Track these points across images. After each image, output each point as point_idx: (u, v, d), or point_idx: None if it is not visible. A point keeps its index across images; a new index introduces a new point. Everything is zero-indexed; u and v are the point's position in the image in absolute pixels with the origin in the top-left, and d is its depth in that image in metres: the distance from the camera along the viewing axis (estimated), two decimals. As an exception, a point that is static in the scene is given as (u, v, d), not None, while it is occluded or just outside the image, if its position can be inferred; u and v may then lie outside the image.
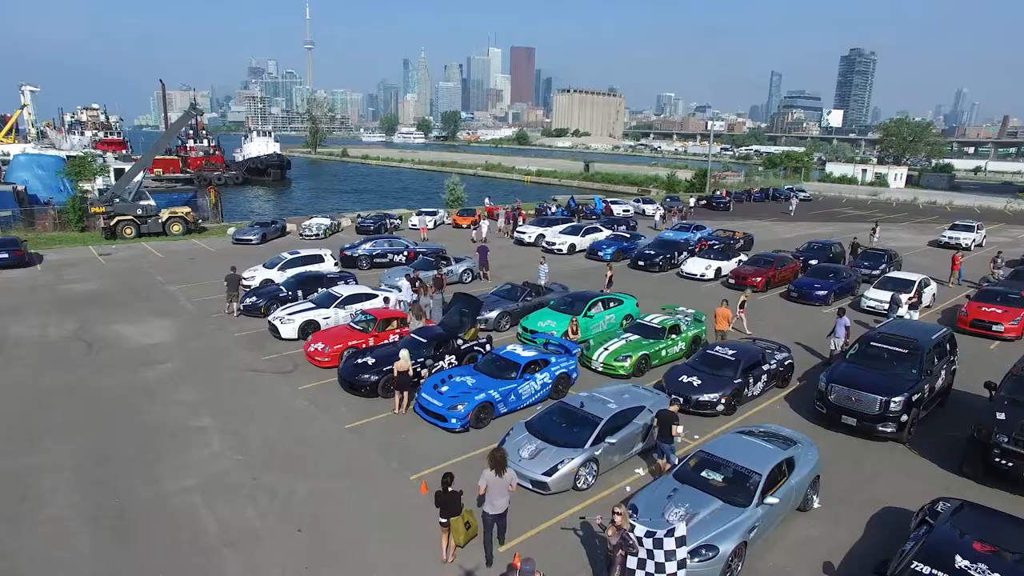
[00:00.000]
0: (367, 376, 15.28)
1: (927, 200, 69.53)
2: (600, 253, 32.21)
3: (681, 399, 14.43)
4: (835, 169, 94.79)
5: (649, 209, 50.63)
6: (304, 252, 26.73)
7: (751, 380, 15.13)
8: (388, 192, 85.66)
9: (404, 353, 14.41)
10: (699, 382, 14.73)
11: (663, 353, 17.54)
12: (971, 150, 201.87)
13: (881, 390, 13.34)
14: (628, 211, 50.26)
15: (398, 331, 18.30)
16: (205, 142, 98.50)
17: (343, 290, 21.02)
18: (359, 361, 15.78)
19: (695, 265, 28.64)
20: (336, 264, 27.03)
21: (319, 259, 26.49)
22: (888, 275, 24.82)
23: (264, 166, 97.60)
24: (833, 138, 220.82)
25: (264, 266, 25.81)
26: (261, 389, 16.22)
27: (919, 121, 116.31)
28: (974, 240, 38.72)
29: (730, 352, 15.52)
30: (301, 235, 38.08)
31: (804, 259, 29.82)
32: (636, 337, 17.65)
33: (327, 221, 39.35)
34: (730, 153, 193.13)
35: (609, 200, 52.73)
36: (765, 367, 15.64)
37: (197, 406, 15.17)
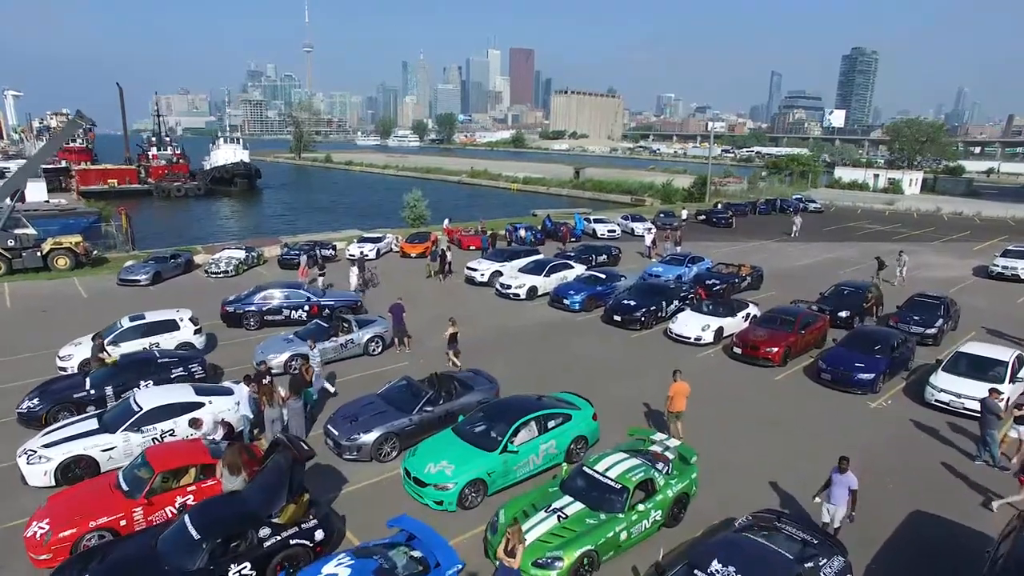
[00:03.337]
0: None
1: (951, 210, 61.93)
2: (566, 301, 24.77)
3: None
4: (844, 174, 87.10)
5: (638, 228, 43.28)
6: (152, 316, 19.35)
7: (781, 643, 7.92)
8: (363, 208, 76.41)
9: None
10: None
11: (622, 538, 10.22)
12: (977, 150, 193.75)
13: None
14: (614, 231, 43.02)
15: (193, 488, 11.13)
16: (169, 150, 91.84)
17: (147, 398, 13.60)
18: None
19: (689, 324, 21.21)
20: (199, 331, 19.70)
21: (172, 326, 19.19)
22: (961, 350, 17.13)
23: (230, 175, 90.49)
24: (835, 138, 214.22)
25: (92, 338, 18.54)
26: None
27: (931, 121, 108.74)
28: (1034, 270, 31.36)
29: (740, 582, 8.21)
30: (207, 272, 30.89)
31: (831, 311, 22.63)
32: (578, 508, 10.31)
33: (241, 254, 32.09)
34: (731, 155, 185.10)
35: (593, 218, 45.45)
36: (804, 602, 8.42)
37: None
